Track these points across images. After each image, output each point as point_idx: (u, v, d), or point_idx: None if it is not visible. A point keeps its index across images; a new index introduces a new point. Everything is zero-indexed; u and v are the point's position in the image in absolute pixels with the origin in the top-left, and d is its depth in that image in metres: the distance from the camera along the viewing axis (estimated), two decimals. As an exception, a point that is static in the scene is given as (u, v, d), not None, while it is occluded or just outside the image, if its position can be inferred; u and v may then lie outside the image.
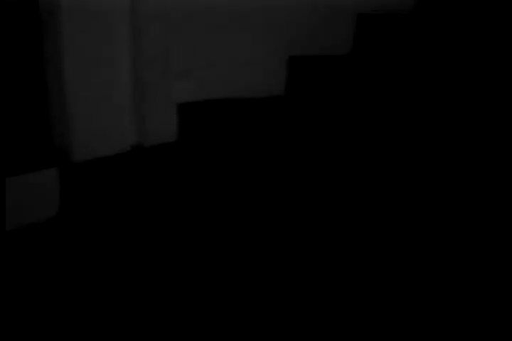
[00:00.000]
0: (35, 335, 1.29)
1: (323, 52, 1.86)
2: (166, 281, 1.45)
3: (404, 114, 1.68)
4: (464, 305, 1.32)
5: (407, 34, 1.81)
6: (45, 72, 1.68)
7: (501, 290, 1.32)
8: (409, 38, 1.80)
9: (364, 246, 1.49)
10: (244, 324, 1.34)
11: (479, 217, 1.43)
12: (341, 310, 1.36)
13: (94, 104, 1.70)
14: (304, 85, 1.88)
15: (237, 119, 1.85)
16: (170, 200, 1.73)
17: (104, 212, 1.71)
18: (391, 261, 1.44)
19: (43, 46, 1.66)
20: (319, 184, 1.68)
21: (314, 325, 1.33)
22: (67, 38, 1.60)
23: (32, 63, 1.66)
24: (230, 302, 1.40)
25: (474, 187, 1.47)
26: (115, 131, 1.76)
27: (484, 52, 1.66)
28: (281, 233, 1.57)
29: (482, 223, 1.42)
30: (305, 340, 1.29)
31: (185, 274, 1.47)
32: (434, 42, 1.76)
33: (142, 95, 1.75)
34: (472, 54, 1.68)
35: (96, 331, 1.31)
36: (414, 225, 1.48)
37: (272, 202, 1.67)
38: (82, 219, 1.68)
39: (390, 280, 1.40)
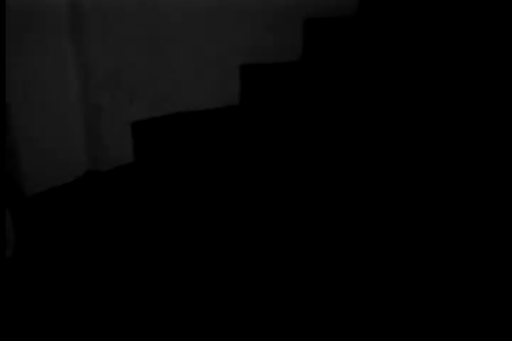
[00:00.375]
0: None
1: (275, 59, 1.80)
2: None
3: (359, 117, 1.68)
4: (464, 305, 1.33)
5: (355, 37, 1.80)
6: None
7: (501, 290, 1.35)
8: (357, 41, 1.79)
9: (361, 245, 1.48)
10: (243, 324, 1.32)
11: (479, 217, 1.45)
12: (341, 309, 1.35)
13: (44, 130, 1.54)
14: (257, 93, 1.82)
15: (193, 133, 1.76)
16: (135, 227, 1.62)
17: (61, 247, 1.55)
18: (391, 259, 1.44)
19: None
20: (282, 195, 1.64)
21: (314, 325, 1.32)
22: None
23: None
24: (229, 302, 1.37)
25: (465, 186, 1.50)
26: (68, 157, 1.60)
27: (431, 51, 1.69)
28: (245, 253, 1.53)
29: (482, 223, 1.44)
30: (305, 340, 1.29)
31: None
32: (382, 44, 1.76)
33: (95, 118, 1.61)
34: (418, 53, 1.70)
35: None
36: (410, 226, 1.49)
37: (236, 222, 1.61)
38: (40, 258, 1.52)
39: (389, 280, 1.40)
